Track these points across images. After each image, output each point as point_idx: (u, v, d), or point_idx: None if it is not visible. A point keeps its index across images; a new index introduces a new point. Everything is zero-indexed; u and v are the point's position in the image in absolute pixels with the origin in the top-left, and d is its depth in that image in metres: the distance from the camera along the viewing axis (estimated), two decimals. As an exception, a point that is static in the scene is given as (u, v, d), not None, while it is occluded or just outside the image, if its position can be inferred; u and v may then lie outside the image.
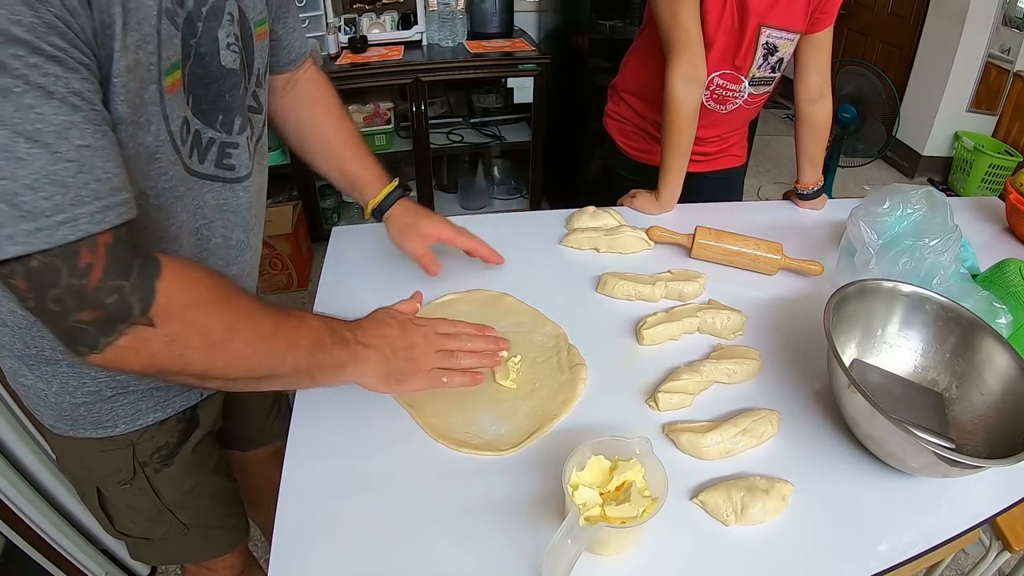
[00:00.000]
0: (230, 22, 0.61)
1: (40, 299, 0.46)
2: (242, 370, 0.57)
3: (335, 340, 0.64)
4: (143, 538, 0.82)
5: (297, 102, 0.87)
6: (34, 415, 0.71)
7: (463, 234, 0.91)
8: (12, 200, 0.42)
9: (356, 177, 0.89)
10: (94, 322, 0.48)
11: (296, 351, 0.60)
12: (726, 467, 0.69)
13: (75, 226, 0.45)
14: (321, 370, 0.63)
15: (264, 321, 0.58)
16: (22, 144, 0.42)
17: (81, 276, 0.46)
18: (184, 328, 0.52)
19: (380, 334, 0.69)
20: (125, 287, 0.48)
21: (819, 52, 1.17)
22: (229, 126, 0.65)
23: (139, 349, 0.50)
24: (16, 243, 0.43)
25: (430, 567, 0.59)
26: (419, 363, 0.69)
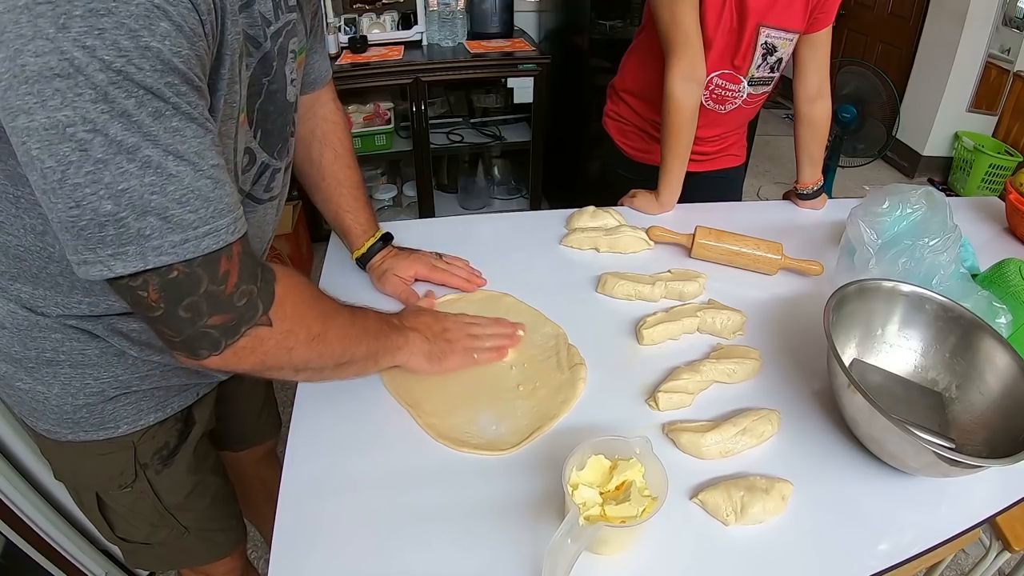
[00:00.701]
0: (293, 59, 0.66)
1: (172, 307, 0.49)
2: (332, 358, 0.65)
3: (391, 327, 0.74)
4: (143, 543, 0.81)
5: (310, 139, 0.90)
6: (27, 422, 0.71)
7: (436, 269, 0.95)
8: (163, 214, 0.46)
9: (347, 227, 0.95)
10: (221, 326, 0.52)
11: (368, 337, 0.69)
12: (726, 467, 0.69)
13: (217, 236, 0.49)
14: (384, 352, 0.72)
15: (344, 315, 0.67)
16: (171, 162, 0.46)
17: (220, 283, 0.51)
18: (295, 325, 0.58)
19: (420, 321, 0.79)
20: (254, 291, 0.54)
21: (818, 52, 1.17)
22: (282, 152, 0.71)
23: (255, 348, 0.56)
24: (163, 254, 0.47)
25: (430, 567, 0.59)
26: (454, 344, 0.79)
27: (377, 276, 0.94)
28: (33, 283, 0.60)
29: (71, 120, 0.41)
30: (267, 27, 0.59)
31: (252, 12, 0.56)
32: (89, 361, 0.65)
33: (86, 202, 0.44)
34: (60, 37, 0.40)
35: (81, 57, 0.40)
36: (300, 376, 0.64)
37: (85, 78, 0.41)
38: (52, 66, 0.40)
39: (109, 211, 0.44)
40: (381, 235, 0.96)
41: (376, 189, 2.76)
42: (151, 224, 0.46)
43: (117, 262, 0.46)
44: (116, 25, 0.41)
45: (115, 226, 0.45)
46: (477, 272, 0.97)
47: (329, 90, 0.91)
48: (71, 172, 0.43)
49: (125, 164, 0.44)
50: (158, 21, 0.42)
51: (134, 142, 0.44)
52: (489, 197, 2.86)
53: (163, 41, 0.43)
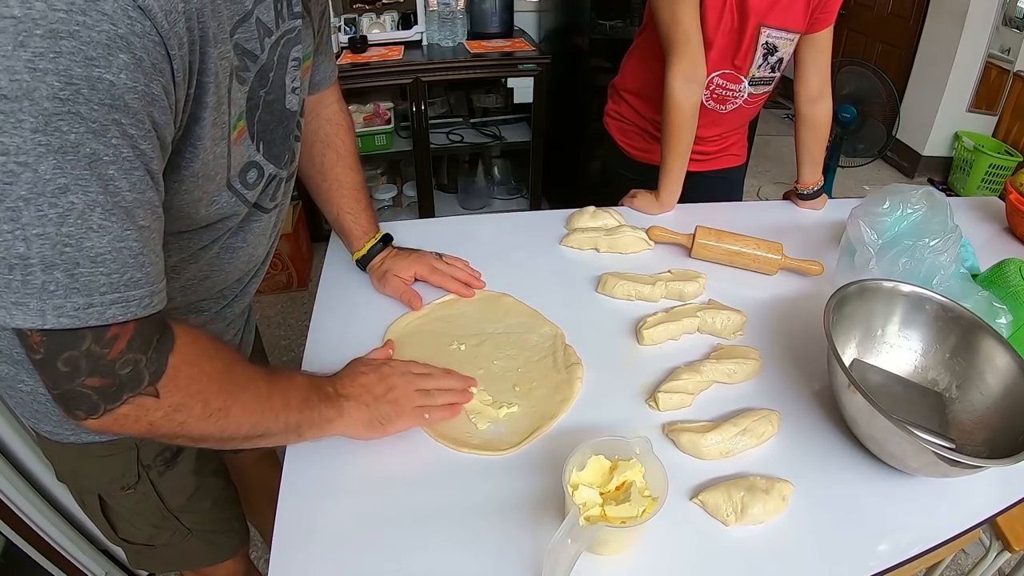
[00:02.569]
0: (295, 67, 0.64)
1: (51, 357, 0.46)
2: (238, 433, 0.59)
3: (320, 396, 0.66)
4: (146, 544, 0.81)
5: (313, 140, 0.89)
6: (30, 424, 0.70)
7: (436, 272, 0.94)
8: (72, 271, 0.42)
9: (348, 229, 0.94)
10: (101, 389, 0.48)
11: (288, 411, 0.62)
12: (726, 467, 0.69)
13: (126, 308, 0.45)
14: (309, 426, 0.65)
15: (260, 387, 0.60)
16: (97, 214, 0.42)
17: (104, 346, 0.46)
18: (187, 399, 0.53)
19: (358, 384, 0.70)
20: (142, 360, 0.49)
21: (819, 52, 1.17)
22: (289, 161, 0.69)
23: (139, 417, 0.51)
24: (63, 316, 0.43)
25: (430, 567, 0.59)
26: (401, 404, 0.71)
27: (377, 277, 0.94)
28: None
29: (5, 148, 0.39)
30: (266, 38, 0.57)
31: (249, 25, 0.54)
32: None
33: (1, 239, 0.40)
34: (15, 55, 0.37)
35: (30, 80, 0.38)
36: (201, 445, 0.58)
37: (31, 103, 0.38)
38: (1, 86, 0.38)
39: (20, 254, 0.41)
40: (381, 236, 0.96)
41: (376, 189, 2.76)
42: (57, 279, 0.42)
43: (18, 312, 0.43)
44: (73, 50, 0.38)
45: (23, 272, 0.41)
46: (477, 273, 0.97)
47: (334, 91, 0.90)
48: None
49: (46, 208, 0.40)
50: (117, 52, 0.40)
51: (62, 183, 0.40)
52: (489, 197, 2.85)
53: (119, 74, 0.40)
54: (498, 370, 0.81)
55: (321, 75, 0.86)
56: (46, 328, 0.43)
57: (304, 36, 0.66)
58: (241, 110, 0.57)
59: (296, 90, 0.66)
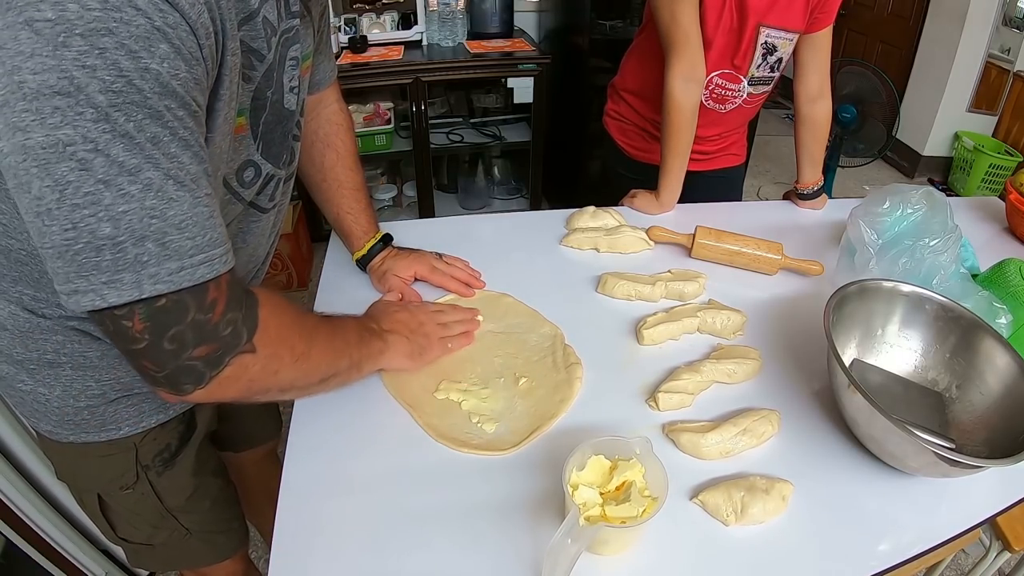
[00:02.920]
0: (293, 66, 0.65)
1: (157, 338, 0.47)
2: (318, 374, 0.63)
3: (370, 333, 0.73)
4: (145, 544, 0.81)
5: (313, 139, 0.90)
6: (29, 423, 0.70)
7: (436, 271, 0.95)
8: (162, 239, 0.45)
9: (348, 229, 0.95)
10: (206, 357, 0.50)
11: (350, 348, 0.68)
12: (726, 467, 0.69)
13: (211, 266, 0.48)
14: (367, 359, 0.71)
15: (325, 329, 0.65)
16: (171, 186, 0.45)
17: (208, 311, 0.49)
18: (278, 349, 0.57)
19: (395, 320, 0.78)
20: (239, 318, 0.52)
21: (818, 52, 1.17)
22: (288, 161, 0.71)
23: (240, 376, 0.53)
24: (159, 282, 0.45)
25: (430, 567, 0.59)
26: (431, 337, 0.79)
27: (377, 277, 0.94)
28: (35, 286, 0.59)
29: (71, 139, 0.40)
30: (272, 37, 0.58)
31: (255, 24, 0.55)
32: (90, 363, 0.65)
33: (84, 224, 0.42)
34: (60, 55, 0.39)
35: (81, 77, 0.39)
36: (286, 395, 0.62)
37: (86, 98, 0.40)
38: (51, 84, 0.39)
39: (107, 234, 0.43)
40: (381, 236, 0.96)
41: (376, 189, 2.76)
42: (149, 250, 0.44)
43: (111, 290, 0.44)
44: (117, 45, 0.40)
45: (112, 251, 0.43)
46: (477, 273, 0.97)
47: (334, 91, 0.91)
48: (69, 192, 0.41)
49: (127, 186, 0.42)
50: (158, 43, 0.42)
51: (136, 163, 0.42)
52: (489, 197, 2.85)
53: (162, 63, 0.42)
54: (498, 370, 0.81)
55: (321, 75, 0.86)
56: (144, 299, 0.45)
57: (303, 36, 0.66)
58: (243, 107, 0.58)
59: (294, 89, 0.67)
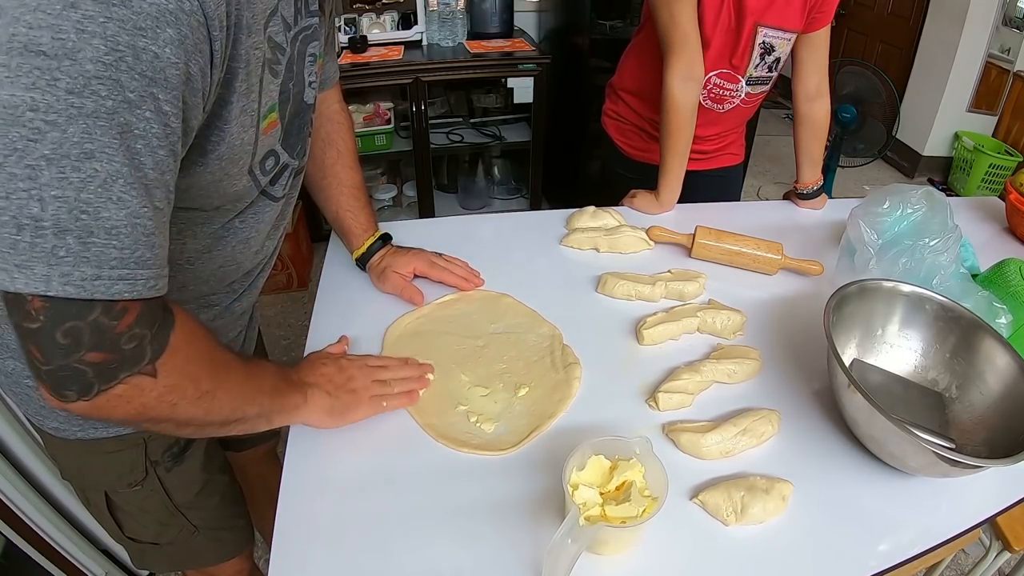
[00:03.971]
0: (312, 62, 0.65)
1: (51, 327, 0.43)
2: (219, 416, 0.58)
3: (288, 384, 0.67)
4: (152, 543, 0.81)
5: (314, 139, 0.89)
6: (35, 421, 0.70)
7: (436, 266, 0.95)
8: (85, 239, 0.41)
9: (347, 227, 0.94)
10: (100, 365, 0.46)
11: (261, 396, 0.63)
12: (726, 467, 0.69)
13: (132, 285, 0.44)
14: (278, 412, 0.65)
15: (239, 371, 0.60)
16: (119, 186, 0.42)
17: (114, 318, 0.45)
18: (182, 380, 0.52)
19: (319, 373, 0.72)
20: (147, 336, 0.47)
21: (816, 51, 1.17)
22: (301, 153, 0.71)
23: (132, 398, 0.49)
24: (68, 284, 0.42)
25: (430, 567, 0.59)
26: (359, 394, 0.72)
27: (377, 275, 0.94)
28: None
29: (35, 104, 0.38)
30: (287, 32, 0.59)
31: (277, 19, 0.56)
32: None
33: (15, 196, 0.39)
34: (64, 15, 0.37)
35: (76, 40, 0.38)
36: (181, 432, 0.58)
37: (72, 64, 0.38)
38: (42, 42, 0.38)
39: (33, 215, 0.40)
40: (380, 235, 0.96)
41: (376, 189, 2.76)
42: (68, 245, 0.41)
43: (21, 275, 0.41)
44: (124, 18, 0.39)
45: (32, 233, 0.40)
46: (476, 272, 0.98)
47: (336, 91, 0.91)
48: (12, 159, 0.39)
49: (68, 171, 0.40)
50: (165, 27, 0.41)
51: (88, 149, 0.40)
52: (489, 197, 2.85)
53: (163, 48, 0.41)
54: (497, 370, 0.81)
55: (327, 74, 0.87)
56: (49, 295, 0.42)
57: (320, 34, 0.67)
58: (274, 102, 0.58)
59: (312, 84, 0.68)
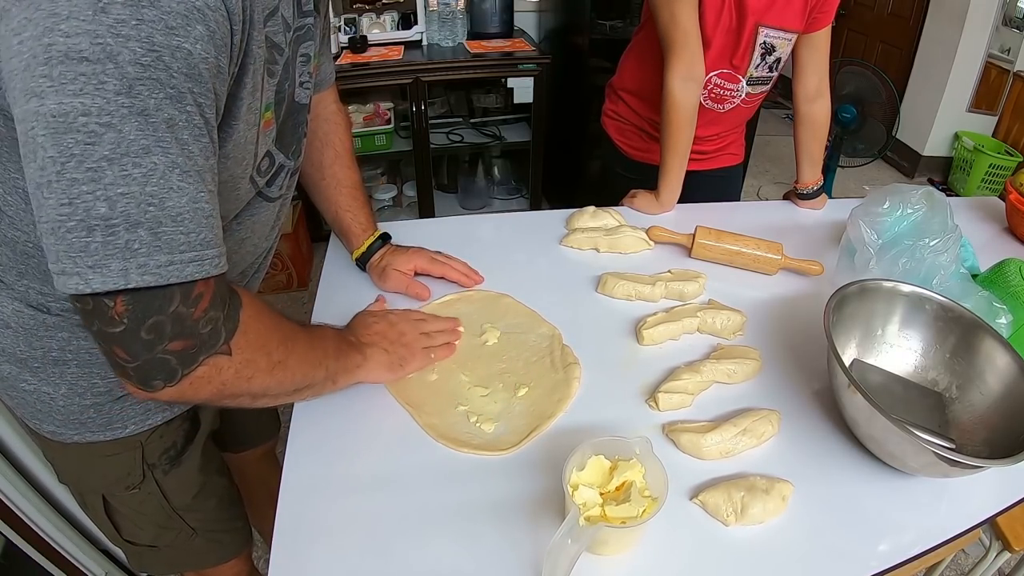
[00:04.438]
0: (304, 63, 0.66)
1: (135, 326, 0.46)
2: (292, 384, 0.62)
3: (349, 345, 0.72)
4: (150, 546, 0.81)
5: (311, 139, 0.90)
6: (31, 425, 0.70)
7: (436, 262, 0.95)
8: (155, 229, 0.44)
9: (347, 227, 0.95)
10: (181, 352, 0.49)
11: (327, 360, 0.67)
12: (726, 467, 0.69)
13: (201, 266, 0.47)
14: (343, 372, 0.70)
15: (304, 339, 0.64)
16: (176, 175, 0.44)
17: (191, 304, 0.48)
18: (255, 354, 0.55)
19: (373, 332, 0.77)
20: (220, 318, 0.51)
21: (817, 51, 1.17)
22: (296, 153, 0.71)
23: (212, 377, 0.52)
24: (146, 273, 0.44)
25: (430, 567, 0.59)
26: (412, 347, 0.78)
27: (377, 274, 0.94)
28: (42, 280, 0.59)
29: (87, 108, 0.39)
30: (287, 32, 0.59)
31: (276, 19, 0.56)
32: (96, 360, 0.65)
33: (80, 200, 0.41)
34: (97, 20, 0.38)
35: (114, 44, 0.39)
36: (257, 403, 0.61)
37: (115, 67, 0.39)
38: (82, 49, 0.38)
39: (102, 215, 0.42)
40: (380, 234, 0.96)
41: (376, 189, 2.76)
42: (141, 238, 0.43)
43: (96, 275, 0.43)
44: (156, 19, 0.39)
45: (104, 232, 0.42)
46: (475, 271, 0.98)
47: (332, 92, 0.91)
48: (71, 165, 0.40)
49: (130, 167, 0.41)
50: (195, 23, 0.42)
51: (145, 145, 0.41)
52: (489, 197, 2.85)
53: (195, 44, 0.42)
54: (497, 370, 0.81)
55: (323, 75, 0.87)
56: (129, 288, 0.44)
57: (314, 34, 0.67)
58: (270, 101, 0.59)
59: (304, 84, 0.68)
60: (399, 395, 0.76)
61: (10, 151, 0.51)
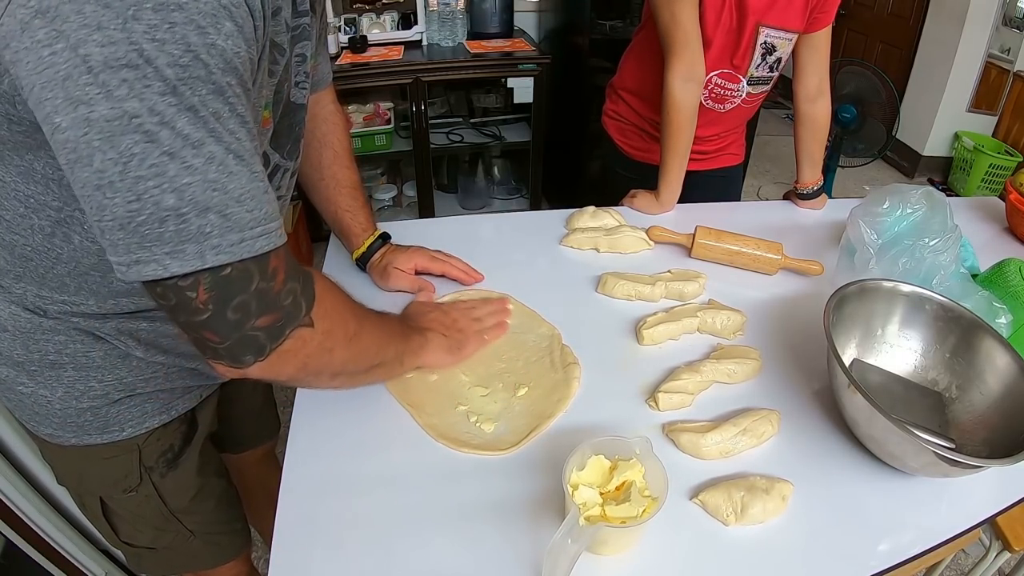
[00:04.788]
0: (300, 62, 0.66)
1: (221, 307, 0.48)
2: (367, 359, 0.65)
3: (411, 329, 0.76)
4: (148, 548, 0.81)
5: (309, 139, 0.90)
6: (29, 426, 0.70)
7: (437, 260, 0.96)
8: (224, 211, 0.46)
9: (346, 227, 0.95)
10: (268, 327, 0.51)
11: (394, 339, 0.70)
12: (726, 467, 0.69)
13: (269, 238, 0.49)
14: (409, 353, 0.73)
15: (373, 315, 0.67)
16: (232, 160, 0.46)
17: (270, 279, 0.50)
18: (333, 324, 0.58)
19: (430, 318, 0.81)
20: (298, 288, 0.53)
21: (817, 51, 1.17)
22: (292, 153, 0.72)
23: (297, 351, 0.55)
24: (221, 253, 0.46)
25: (430, 567, 0.59)
26: (466, 331, 0.82)
27: (378, 273, 0.94)
28: (39, 283, 0.59)
29: (138, 111, 0.41)
30: (286, 33, 0.59)
31: (279, 20, 0.56)
32: (93, 363, 0.65)
33: (148, 195, 0.43)
34: (130, 28, 0.39)
35: (151, 49, 0.40)
36: (335, 382, 0.63)
37: (155, 70, 0.40)
38: (119, 56, 0.39)
39: (171, 206, 0.43)
40: (379, 234, 0.96)
41: (376, 189, 2.76)
42: (211, 222, 0.45)
43: (174, 261, 0.45)
44: (186, 20, 0.41)
45: (175, 222, 0.44)
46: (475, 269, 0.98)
47: (329, 92, 0.91)
48: (134, 164, 0.42)
49: (191, 158, 0.43)
50: (224, 20, 0.43)
51: (200, 137, 0.43)
52: (489, 197, 2.85)
53: (227, 40, 0.43)
54: (497, 370, 0.81)
55: (320, 75, 0.86)
56: (207, 268, 0.46)
57: (310, 34, 0.67)
58: (268, 100, 0.59)
59: (300, 84, 0.68)
60: (399, 395, 0.76)
61: (10, 155, 0.51)
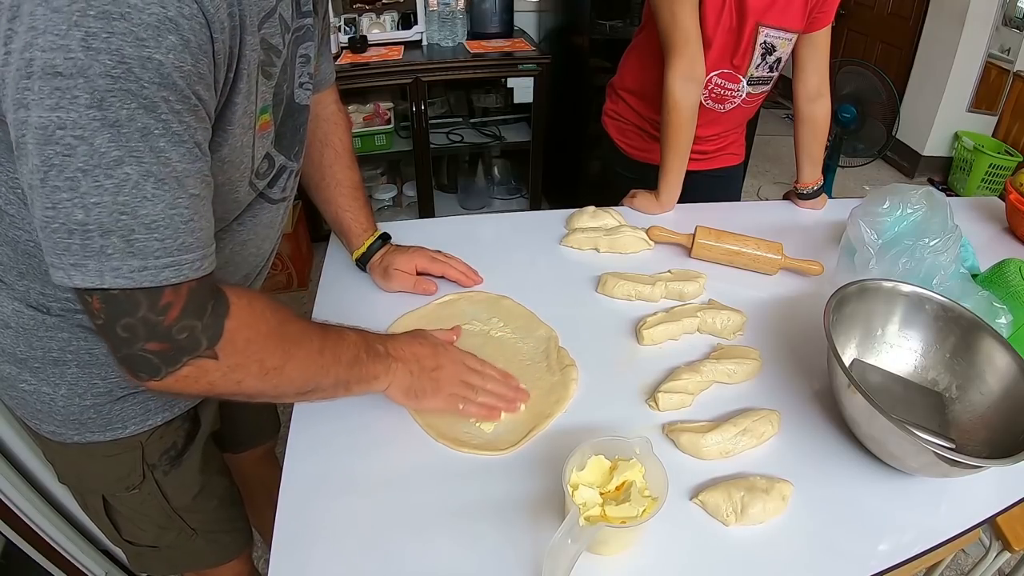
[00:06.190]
0: (304, 63, 0.66)
1: (110, 323, 0.48)
2: (291, 388, 0.61)
3: (370, 354, 0.68)
4: (150, 546, 0.81)
5: (311, 139, 0.90)
6: (31, 425, 0.70)
7: (437, 260, 0.96)
8: (128, 236, 0.45)
9: (347, 227, 0.94)
10: (160, 353, 0.50)
11: (337, 366, 0.64)
12: (726, 467, 0.69)
13: (178, 271, 0.48)
14: (356, 382, 0.67)
15: (314, 343, 0.62)
16: (150, 184, 0.45)
17: (159, 313, 0.48)
18: (245, 360, 0.55)
19: (411, 351, 0.72)
20: (197, 327, 0.51)
21: (817, 51, 1.17)
22: (298, 154, 0.71)
23: (199, 377, 0.53)
24: (120, 277, 0.46)
25: (430, 567, 0.59)
26: (441, 384, 0.72)
27: (379, 273, 0.94)
28: (42, 280, 0.59)
29: (62, 122, 0.41)
30: (285, 34, 0.59)
31: (274, 21, 0.56)
32: (97, 360, 0.65)
33: (61, 206, 0.44)
34: (69, 35, 0.39)
35: (84, 59, 0.40)
36: (255, 400, 0.61)
37: (85, 80, 0.41)
38: (55, 63, 0.40)
39: (79, 221, 0.44)
40: (380, 234, 0.97)
41: (376, 189, 2.76)
42: (113, 244, 0.45)
43: (76, 273, 0.46)
44: (125, 31, 0.40)
45: (81, 236, 0.44)
46: (475, 270, 0.98)
47: (332, 92, 0.92)
48: (52, 174, 0.43)
49: (102, 179, 0.43)
50: (167, 34, 0.42)
51: (117, 156, 0.43)
52: (489, 197, 2.85)
53: (167, 54, 0.43)
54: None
55: (323, 75, 0.87)
56: (103, 288, 0.46)
57: (313, 35, 0.67)
58: (267, 103, 0.59)
59: (303, 85, 0.68)
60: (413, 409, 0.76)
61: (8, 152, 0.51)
